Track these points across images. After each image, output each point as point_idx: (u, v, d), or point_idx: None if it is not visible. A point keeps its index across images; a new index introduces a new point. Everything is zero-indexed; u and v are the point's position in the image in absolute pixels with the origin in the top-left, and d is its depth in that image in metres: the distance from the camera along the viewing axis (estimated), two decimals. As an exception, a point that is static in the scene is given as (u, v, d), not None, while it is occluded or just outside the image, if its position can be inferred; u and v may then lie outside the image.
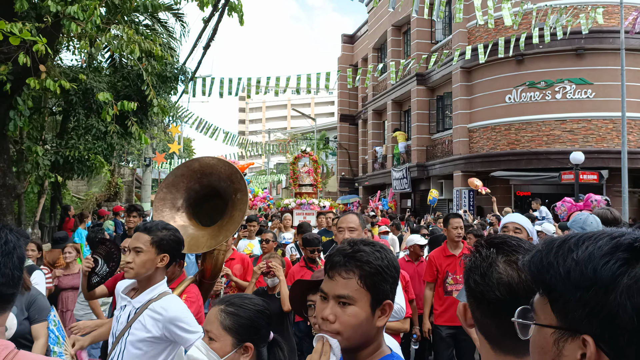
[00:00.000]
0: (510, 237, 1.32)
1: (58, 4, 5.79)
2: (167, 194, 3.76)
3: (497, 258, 1.25)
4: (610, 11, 17.89)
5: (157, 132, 23.63)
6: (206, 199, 3.83)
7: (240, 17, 7.32)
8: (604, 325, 0.86)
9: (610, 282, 0.85)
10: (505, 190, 20.61)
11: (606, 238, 0.91)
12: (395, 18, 26.35)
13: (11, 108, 6.78)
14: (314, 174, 15.70)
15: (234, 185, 3.61)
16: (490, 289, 1.21)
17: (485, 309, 1.23)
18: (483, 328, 1.26)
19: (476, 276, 1.25)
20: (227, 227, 3.57)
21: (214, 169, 3.67)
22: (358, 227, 3.56)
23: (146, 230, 2.69)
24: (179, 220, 3.70)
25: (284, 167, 49.18)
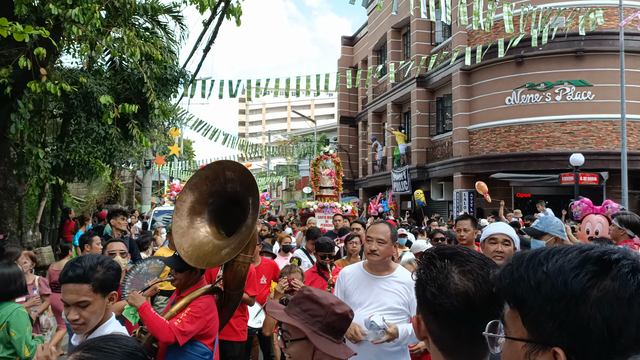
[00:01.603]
0: (460, 247, 1.32)
1: (59, 7, 5.81)
2: (190, 195, 3.62)
3: (452, 269, 1.25)
4: (610, 13, 17.91)
5: (158, 135, 23.65)
6: (230, 205, 3.65)
7: (238, 18, 7.34)
8: (575, 337, 0.87)
9: (580, 295, 0.87)
10: (505, 192, 20.61)
11: (575, 251, 0.92)
12: (395, 20, 26.39)
13: (12, 111, 6.81)
14: (336, 176, 15.53)
15: (250, 197, 3.46)
16: (448, 300, 1.21)
17: (442, 320, 1.23)
18: (438, 340, 1.26)
19: (433, 288, 1.24)
20: (241, 239, 3.41)
21: (237, 175, 3.52)
22: (388, 239, 3.43)
23: (80, 278, 2.25)
24: (197, 223, 3.59)
25: (284, 169, 49.20)
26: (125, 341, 1.52)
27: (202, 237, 3.53)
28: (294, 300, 2.08)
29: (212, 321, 3.46)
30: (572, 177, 15.92)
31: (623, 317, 0.84)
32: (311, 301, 2.04)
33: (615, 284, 0.86)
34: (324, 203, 14.11)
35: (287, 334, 2.01)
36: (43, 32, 4.86)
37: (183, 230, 3.54)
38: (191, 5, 7.29)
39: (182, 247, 3.46)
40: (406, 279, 3.44)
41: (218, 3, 7.85)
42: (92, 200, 19.14)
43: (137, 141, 8.10)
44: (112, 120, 7.12)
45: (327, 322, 2.01)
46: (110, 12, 7.59)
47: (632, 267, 0.87)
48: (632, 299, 0.85)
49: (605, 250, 0.90)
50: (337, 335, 2.05)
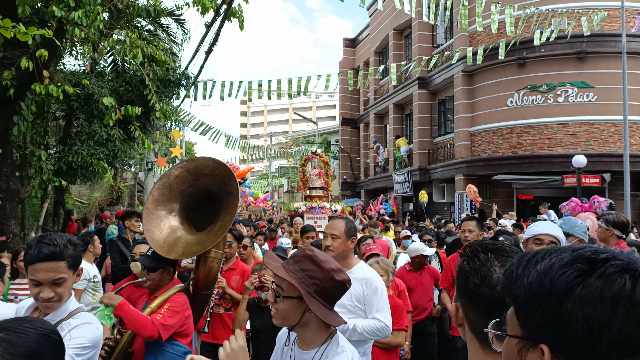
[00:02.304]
0: (502, 243, 1.39)
1: (62, 9, 5.82)
2: (161, 195, 3.58)
3: (495, 262, 1.33)
4: (612, 15, 17.90)
5: (160, 137, 23.68)
6: (202, 203, 3.64)
7: (241, 23, 7.35)
8: (558, 335, 0.88)
9: (564, 292, 0.87)
10: (508, 193, 20.60)
11: (569, 251, 0.93)
12: (396, 22, 26.40)
13: (15, 113, 6.81)
14: (325, 176, 15.26)
15: (226, 188, 3.45)
16: (490, 290, 1.28)
17: (483, 309, 1.29)
18: (476, 328, 1.31)
19: (476, 279, 1.32)
20: (215, 232, 3.38)
21: (209, 170, 3.52)
22: (342, 235, 3.36)
23: (56, 256, 2.22)
24: (170, 222, 3.54)
25: (286, 170, 49.21)
26: (40, 323, 1.47)
27: (177, 232, 3.49)
28: (294, 257, 2.06)
29: (189, 319, 3.40)
30: (574, 178, 15.91)
31: (605, 317, 0.83)
32: (312, 262, 2.02)
33: (599, 283, 0.85)
34: (312, 204, 13.99)
35: (281, 289, 2.00)
36: (46, 32, 4.87)
37: (155, 228, 3.48)
38: (193, 7, 7.32)
39: (158, 242, 3.42)
40: (363, 275, 3.36)
41: (220, 5, 7.86)
42: (95, 202, 19.15)
43: (139, 143, 8.11)
44: (114, 122, 7.13)
45: (323, 286, 1.99)
46: (113, 14, 7.61)
47: (621, 268, 0.86)
48: (616, 299, 0.84)
49: (596, 250, 0.91)
50: (331, 302, 2.03)
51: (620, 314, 0.83)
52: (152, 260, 3.43)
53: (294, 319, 2.00)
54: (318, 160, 15.23)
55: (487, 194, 20.90)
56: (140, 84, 8.76)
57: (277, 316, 2.02)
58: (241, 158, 36.81)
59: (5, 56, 6.31)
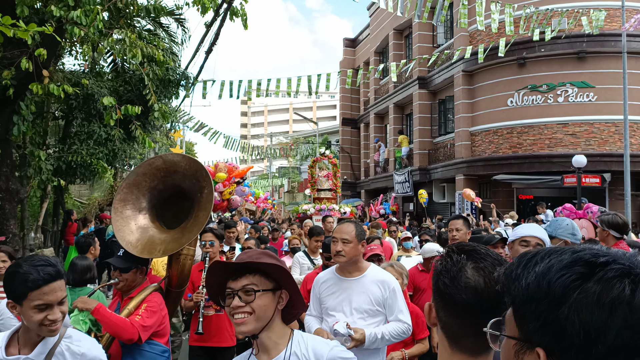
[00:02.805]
0: (480, 246, 1.40)
1: (61, 9, 5.82)
2: (128, 194, 3.47)
3: (467, 264, 1.33)
4: (612, 14, 17.89)
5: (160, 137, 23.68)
6: (172, 200, 3.56)
7: (244, 21, 7.34)
8: (554, 338, 0.87)
9: (562, 295, 0.86)
10: (508, 193, 20.59)
11: (569, 252, 0.91)
12: (396, 22, 26.40)
13: (14, 113, 6.81)
14: (333, 178, 15.03)
15: (199, 183, 3.35)
16: (458, 291, 1.29)
17: (451, 309, 1.31)
18: (446, 327, 1.34)
19: (446, 279, 1.33)
20: (190, 229, 3.30)
21: (179, 167, 3.42)
22: (353, 239, 3.32)
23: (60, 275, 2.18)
24: (140, 221, 3.45)
25: (286, 171, 49.20)
26: None
27: (149, 231, 3.42)
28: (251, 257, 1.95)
29: (166, 318, 3.35)
30: (574, 178, 15.89)
31: (602, 323, 0.82)
32: (270, 256, 1.97)
33: (598, 288, 0.83)
34: (321, 206, 13.81)
35: (254, 285, 1.89)
36: (47, 28, 4.85)
37: (125, 228, 3.40)
38: (193, 6, 7.31)
39: (130, 243, 3.33)
40: (379, 277, 3.37)
41: (220, 5, 7.86)
42: (94, 202, 19.14)
43: (140, 142, 8.10)
44: (114, 121, 7.12)
45: None
46: (112, 13, 7.60)
47: (621, 272, 0.84)
48: (614, 305, 0.82)
49: (596, 253, 0.89)
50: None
51: (617, 320, 0.81)
52: (124, 260, 3.35)
53: (268, 316, 1.90)
54: (327, 161, 15.04)
55: (488, 194, 20.90)
56: (139, 83, 8.76)
57: (250, 320, 1.87)
58: (241, 158, 36.82)
59: (4, 56, 6.31)
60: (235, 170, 13.57)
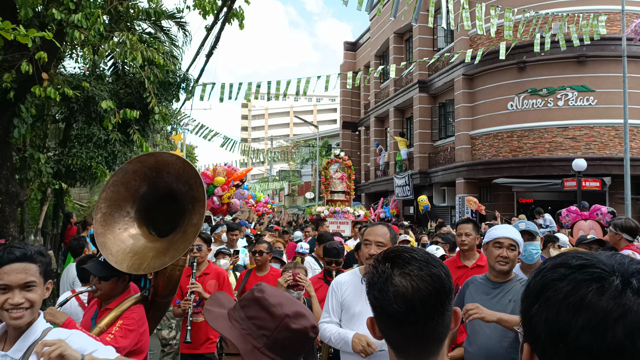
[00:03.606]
0: (404, 250, 1.36)
1: (62, 12, 5.83)
2: (114, 193, 3.15)
3: (393, 272, 1.29)
4: (612, 18, 17.92)
5: (160, 140, 23.68)
6: (163, 202, 3.23)
7: (241, 21, 7.36)
8: (531, 335, 0.89)
9: (538, 294, 0.88)
10: (508, 197, 20.58)
11: (563, 256, 0.93)
12: (397, 25, 26.43)
13: (15, 116, 6.82)
14: (347, 180, 14.85)
15: (192, 192, 3.02)
16: (388, 303, 1.26)
17: (387, 321, 1.28)
18: (388, 338, 1.32)
19: (375, 292, 1.30)
20: (177, 247, 2.95)
21: (172, 168, 3.10)
22: (388, 242, 3.15)
23: (26, 257, 2.07)
24: (124, 225, 3.15)
25: (286, 174, 49.21)
26: None
27: (133, 239, 3.11)
28: (240, 302, 1.63)
29: (145, 334, 3.05)
30: (574, 182, 15.89)
31: (564, 323, 0.82)
32: (260, 307, 1.57)
33: (568, 287, 0.84)
34: (335, 208, 13.68)
35: (225, 344, 1.59)
36: (46, 34, 4.87)
37: (108, 233, 3.08)
38: (194, 10, 7.33)
39: (110, 251, 3.03)
40: None
41: (220, 8, 7.87)
42: (94, 205, 19.15)
43: (138, 146, 8.11)
44: (113, 125, 7.13)
45: (276, 338, 1.54)
46: (113, 17, 7.62)
47: (594, 275, 0.84)
48: (578, 305, 0.82)
49: (580, 256, 0.90)
50: (290, 357, 1.58)
51: (580, 321, 0.81)
52: (104, 268, 3.07)
53: None
54: (340, 163, 14.89)
55: (488, 197, 20.89)
56: (140, 86, 8.77)
57: None
58: (242, 161, 36.82)
59: (5, 59, 6.32)
60: (234, 173, 13.56)
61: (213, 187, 13.25)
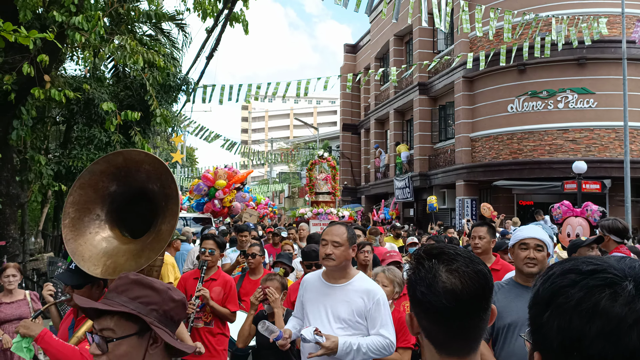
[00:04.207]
0: (446, 246, 1.37)
1: (62, 14, 5.84)
2: (82, 195, 2.97)
3: (440, 268, 1.30)
4: (612, 21, 17.94)
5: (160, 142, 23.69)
6: (135, 202, 3.09)
7: (245, 27, 7.37)
8: (542, 343, 0.87)
9: (548, 301, 0.86)
10: (508, 199, 20.58)
11: (572, 261, 0.92)
12: (397, 28, 26.47)
13: (15, 118, 6.83)
14: (332, 181, 14.53)
15: (164, 190, 2.89)
16: (437, 298, 1.26)
17: (432, 317, 1.29)
18: (430, 334, 1.32)
19: (422, 287, 1.30)
20: (152, 247, 2.82)
21: (141, 166, 2.95)
22: (344, 242, 3.11)
23: None
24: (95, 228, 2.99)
25: (287, 176, 49.22)
26: None
27: (105, 242, 2.97)
28: (116, 289, 1.66)
29: None
30: (574, 184, 15.89)
31: (577, 330, 0.80)
32: (142, 286, 1.66)
33: (580, 294, 0.82)
34: (318, 210, 13.51)
35: (111, 331, 1.58)
36: (48, 35, 4.87)
37: (79, 239, 2.93)
38: (194, 12, 7.34)
39: (82, 257, 2.88)
40: (364, 286, 3.13)
41: (221, 11, 7.89)
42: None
43: (139, 148, 8.12)
44: (114, 127, 7.14)
45: (164, 310, 1.65)
46: (113, 19, 7.64)
47: (609, 281, 0.83)
48: (591, 312, 0.80)
49: (590, 261, 0.88)
50: (174, 328, 1.68)
51: (593, 328, 0.79)
52: (76, 275, 2.96)
53: None
54: (325, 164, 14.80)
55: (488, 200, 20.88)
56: (140, 88, 8.78)
57: None
58: (242, 163, 36.83)
59: (6, 61, 6.33)
60: (235, 176, 13.55)
61: (214, 190, 13.26)
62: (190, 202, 19.78)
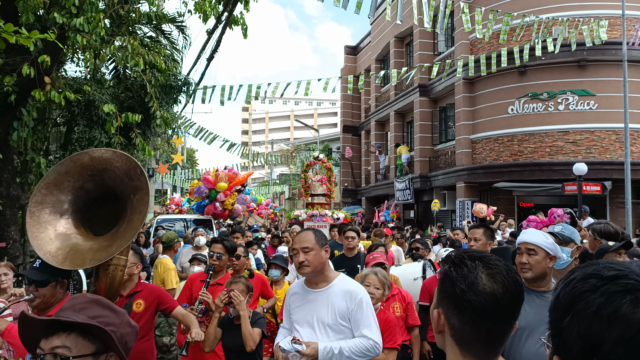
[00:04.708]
0: (486, 253, 1.41)
1: (63, 16, 5.85)
2: (46, 195, 2.92)
3: (482, 270, 1.33)
4: (613, 23, 17.94)
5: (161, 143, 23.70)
6: (102, 203, 3.07)
7: (244, 31, 7.38)
8: (562, 347, 0.88)
9: (569, 306, 0.87)
10: (509, 201, 20.57)
11: (594, 266, 0.92)
12: (397, 30, 26.49)
13: (16, 119, 6.83)
14: (327, 182, 14.44)
15: (132, 182, 2.90)
16: (477, 297, 1.29)
17: (467, 316, 1.30)
18: (457, 334, 1.33)
19: (463, 285, 1.32)
20: (122, 235, 2.82)
21: (109, 164, 2.92)
22: (314, 246, 3.07)
23: None
24: (61, 227, 2.93)
25: (287, 178, 49.21)
26: None
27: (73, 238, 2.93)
28: (72, 307, 1.59)
29: None
30: (575, 186, 15.89)
31: (597, 336, 0.81)
32: (102, 306, 1.61)
33: (600, 300, 0.83)
34: (313, 211, 13.40)
35: (66, 349, 1.49)
36: (49, 35, 4.87)
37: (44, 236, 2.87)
38: (195, 14, 7.35)
39: (49, 252, 2.83)
40: (345, 287, 3.08)
41: (221, 13, 7.89)
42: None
43: (140, 150, 8.12)
44: (114, 129, 7.14)
45: (121, 333, 1.58)
46: (114, 20, 7.64)
47: (630, 287, 0.83)
48: (612, 318, 0.80)
49: (611, 267, 0.88)
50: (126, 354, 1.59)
51: (613, 334, 0.80)
52: (40, 272, 2.92)
53: None
54: (320, 165, 14.76)
55: (488, 201, 20.87)
56: (141, 90, 8.78)
57: None
58: (242, 164, 36.85)
59: (6, 62, 6.33)
60: (235, 178, 13.53)
61: (215, 192, 13.24)
62: (191, 203, 19.79)
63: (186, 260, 7.58)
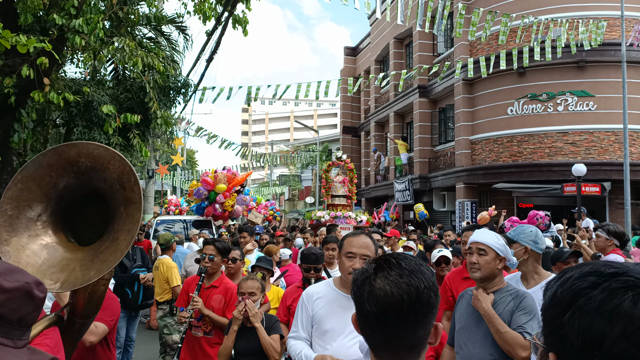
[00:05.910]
0: (396, 256, 1.36)
1: (62, 17, 5.86)
2: (23, 191, 2.43)
3: (376, 274, 1.30)
4: (612, 24, 17.96)
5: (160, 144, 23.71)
6: (86, 204, 2.57)
7: (244, 28, 7.39)
8: (561, 344, 0.88)
9: (569, 302, 0.88)
10: (508, 202, 20.58)
11: (591, 264, 0.93)
12: (397, 31, 26.51)
13: (15, 120, 6.84)
14: (349, 183, 14.27)
15: (124, 192, 2.39)
16: (362, 301, 1.28)
17: (362, 319, 1.31)
18: (365, 337, 1.33)
19: (355, 287, 1.33)
20: (105, 257, 2.30)
21: (99, 163, 2.43)
22: (373, 255, 2.83)
23: None
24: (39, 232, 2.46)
25: (287, 178, 49.22)
26: None
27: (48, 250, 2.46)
28: None
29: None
30: (574, 187, 15.89)
31: (599, 331, 0.82)
32: None
33: (601, 296, 0.84)
34: (336, 213, 13.19)
35: None
36: (46, 45, 4.89)
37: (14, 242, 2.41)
38: (195, 15, 7.36)
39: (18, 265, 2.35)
40: None
41: (221, 14, 7.90)
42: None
43: (138, 151, 8.13)
44: (113, 130, 7.15)
45: None
46: (113, 22, 7.65)
47: (630, 284, 0.85)
48: (614, 314, 0.82)
49: (611, 265, 0.90)
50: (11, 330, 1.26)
51: (615, 329, 0.81)
52: None
53: None
54: (342, 166, 14.57)
55: (488, 202, 20.89)
56: (140, 91, 8.79)
57: None
58: (242, 165, 36.85)
59: (6, 64, 6.34)
60: (234, 179, 13.53)
61: (214, 194, 13.25)
62: (190, 204, 19.80)
63: (190, 264, 7.62)
